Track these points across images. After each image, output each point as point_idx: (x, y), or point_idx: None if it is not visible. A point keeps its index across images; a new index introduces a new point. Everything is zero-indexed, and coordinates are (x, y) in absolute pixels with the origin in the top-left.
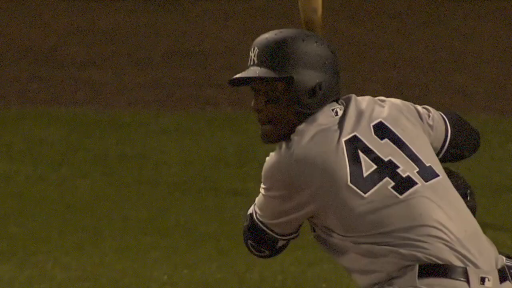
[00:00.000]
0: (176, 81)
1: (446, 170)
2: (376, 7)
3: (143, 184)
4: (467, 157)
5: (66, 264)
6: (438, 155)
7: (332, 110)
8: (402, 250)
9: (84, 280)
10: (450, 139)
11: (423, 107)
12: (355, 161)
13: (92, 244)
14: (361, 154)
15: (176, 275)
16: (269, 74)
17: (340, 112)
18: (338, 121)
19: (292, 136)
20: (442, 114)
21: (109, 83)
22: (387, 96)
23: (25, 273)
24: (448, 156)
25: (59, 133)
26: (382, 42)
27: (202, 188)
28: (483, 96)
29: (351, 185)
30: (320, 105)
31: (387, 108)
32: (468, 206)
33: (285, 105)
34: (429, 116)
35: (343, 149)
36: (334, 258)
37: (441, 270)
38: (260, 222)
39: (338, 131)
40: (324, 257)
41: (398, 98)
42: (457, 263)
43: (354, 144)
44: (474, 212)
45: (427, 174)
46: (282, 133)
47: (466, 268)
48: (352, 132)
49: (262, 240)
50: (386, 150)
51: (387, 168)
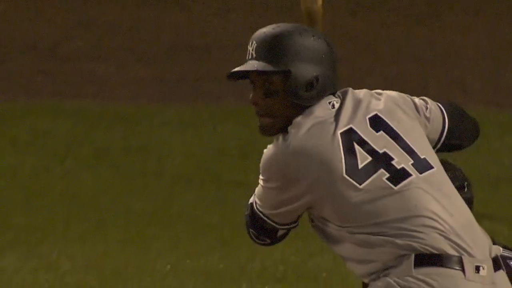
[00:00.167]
0: (179, 74)
1: (444, 162)
2: (376, 1)
3: (146, 176)
4: (466, 147)
5: (70, 254)
6: (435, 146)
7: (329, 103)
8: (398, 240)
9: (88, 270)
10: (448, 131)
11: (421, 99)
12: (350, 153)
13: (97, 235)
14: (356, 146)
15: (179, 265)
16: (266, 68)
17: (336, 105)
18: (334, 113)
19: (289, 128)
20: (440, 105)
21: (113, 77)
22: (386, 90)
23: (30, 263)
24: (446, 147)
25: (64, 125)
26: (381, 36)
27: (204, 180)
28: (480, 89)
29: (346, 176)
30: (317, 98)
31: (383, 101)
32: (465, 197)
33: (282, 98)
34: (426, 108)
35: (338, 141)
36: (331, 247)
37: (436, 259)
38: (260, 212)
39: (334, 124)
40: (324, 247)
41: (397, 91)
42: (452, 252)
43: (350, 136)
44: (471, 203)
45: (422, 166)
46: (279, 125)
47: (461, 257)
48: (348, 124)
49: (262, 229)
50: (381, 142)
51: (382, 160)
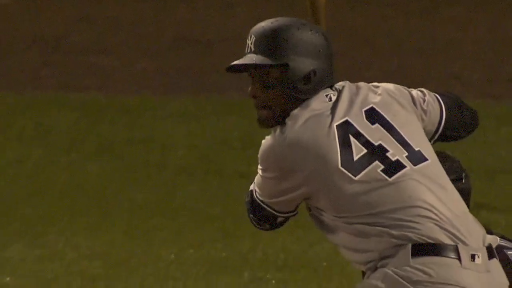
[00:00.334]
0: (182, 68)
1: (442, 153)
2: None
3: (150, 167)
4: (463, 137)
5: (76, 244)
6: (433, 137)
7: (326, 96)
8: (393, 231)
9: (93, 260)
10: (445, 122)
11: (419, 90)
12: (346, 145)
13: (101, 225)
14: (352, 139)
15: (182, 255)
16: (265, 61)
17: (333, 98)
18: (331, 106)
19: (286, 120)
20: (438, 97)
21: (117, 70)
22: (386, 82)
23: (36, 252)
24: (443, 138)
25: (69, 118)
26: (381, 30)
27: (207, 171)
28: (478, 82)
29: (342, 168)
30: (314, 91)
31: (379, 94)
32: (463, 188)
33: (280, 91)
34: (424, 101)
35: (334, 133)
36: (328, 236)
37: (433, 248)
38: (259, 199)
39: (331, 116)
40: (324, 237)
41: (397, 84)
42: (447, 241)
43: (346, 128)
44: (469, 194)
45: (416, 159)
46: (277, 117)
47: (457, 246)
48: (344, 117)
49: (262, 215)
50: (376, 135)
51: (377, 152)
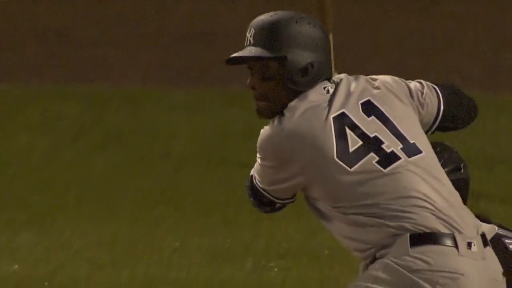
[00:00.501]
0: (185, 60)
1: (441, 144)
2: None
3: (154, 157)
4: (461, 128)
5: (82, 233)
6: (430, 129)
7: (324, 88)
8: (389, 222)
9: (100, 248)
10: (443, 114)
11: (417, 82)
12: (342, 137)
13: (108, 214)
14: (348, 130)
15: (186, 243)
16: (263, 54)
17: (331, 90)
18: (328, 98)
19: (284, 111)
20: (436, 88)
21: (123, 62)
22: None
23: (44, 241)
24: (442, 129)
25: (76, 108)
26: (382, 24)
27: (210, 160)
28: (477, 75)
29: (337, 159)
30: (312, 83)
31: (377, 86)
32: (461, 178)
33: (278, 83)
34: (422, 93)
35: (330, 125)
36: (325, 226)
37: (431, 237)
38: (258, 186)
39: (328, 108)
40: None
41: (395, 77)
42: (444, 230)
43: (342, 120)
44: (467, 184)
45: (411, 151)
46: (275, 109)
47: (454, 234)
48: (341, 109)
49: (261, 200)
50: (372, 127)
51: (372, 144)
